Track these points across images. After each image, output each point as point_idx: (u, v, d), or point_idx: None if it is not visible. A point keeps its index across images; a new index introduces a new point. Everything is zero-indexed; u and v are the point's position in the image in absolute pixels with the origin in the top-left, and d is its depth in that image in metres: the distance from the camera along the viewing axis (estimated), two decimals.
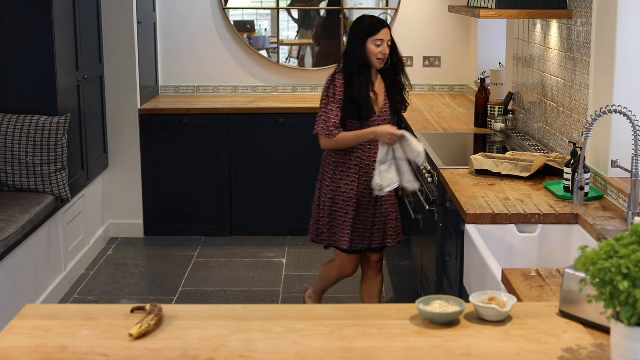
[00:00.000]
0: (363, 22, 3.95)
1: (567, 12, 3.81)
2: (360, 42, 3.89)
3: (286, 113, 5.81)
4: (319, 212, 4.07)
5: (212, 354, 1.79)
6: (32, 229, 4.40)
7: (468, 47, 6.32)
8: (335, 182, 3.99)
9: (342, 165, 3.99)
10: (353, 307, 2.09)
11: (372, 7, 6.53)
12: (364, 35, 3.89)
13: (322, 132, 3.91)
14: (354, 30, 3.97)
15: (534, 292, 2.31)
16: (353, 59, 3.90)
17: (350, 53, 3.93)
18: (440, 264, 3.80)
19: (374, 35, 3.87)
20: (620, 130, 3.21)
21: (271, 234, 5.94)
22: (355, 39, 3.92)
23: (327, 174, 4.03)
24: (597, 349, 1.79)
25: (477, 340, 1.84)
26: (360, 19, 4.00)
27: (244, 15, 6.44)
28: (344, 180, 3.98)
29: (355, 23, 4.01)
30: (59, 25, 4.73)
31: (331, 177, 4.01)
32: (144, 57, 5.89)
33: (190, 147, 5.84)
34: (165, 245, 5.80)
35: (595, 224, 2.91)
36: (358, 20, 4.00)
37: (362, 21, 3.96)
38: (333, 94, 3.91)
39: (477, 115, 5.00)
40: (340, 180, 3.99)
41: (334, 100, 3.90)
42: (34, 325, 1.94)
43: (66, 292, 4.94)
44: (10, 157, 4.60)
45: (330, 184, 4.01)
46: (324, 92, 3.96)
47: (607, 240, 1.72)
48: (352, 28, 4.01)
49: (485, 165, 3.61)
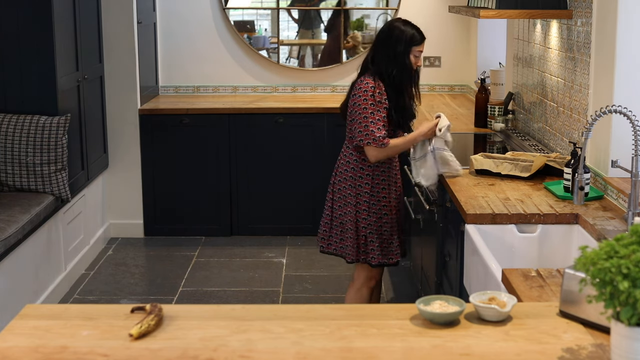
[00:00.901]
0: (404, 29, 3.74)
1: (567, 12, 3.81)
2: (406, 50, 3.71)
3: (286, 113, 5.81)
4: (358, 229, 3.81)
5: (212, 354, 1.79)
6: (32, 229, 4.40)
7: (468, 47, 6.32)
8: (375, 196, 3.80)
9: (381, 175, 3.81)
10: (353, 307, 2.09)
11: (372, 7, 6.53)
12: (409, 44, 3.72)
13: (376, 144, 3.64)
14: (396, 36, 3.72)
15: (534, 292, 2.31)
16: (401, 67, 3.72)
17: (393, 59, 3.71)
18: (440, 264, 3.80)
19: (418, 45, 3.74)
20: (620, 130, 3.21)
21: (271, 234, 5.93)
22: (400, 46, 3.71)
23: (364, 187, 3.79)
24: (597, 349, 1.79)
25: (477, 340, 1.84)
26: (395, 24, 3.78)
27: (244, 15, 6.44)
28: (381, 194, 3.82)
29: (393, 28, 3.75)
30: (59, 25, 4.73)
31: (369, 191, 3.80)
32: (144, 57, 5.89)
33: (190, 147, 5.84)
34: (165, 245, 5.80)
35: (595, 224, 2.91)
36: (395, 25, 3.77)
37: (403, 28, 3.75)
38: (378, 102, 3.66)
39: (477, 115, 5.00)
40: (378, 193, 3.81)
41: (380, 108, 3.66)
42: (34, 325, 1.94)
43: (66, 292, 4.94)
44: (10, 157, 4.60)
45: (369, 198, 3.79)
46: (365, 98, 3.66)
47: (607, 240, 1.72)
48: (392, 33, 3.75)
49: (485, 165, 3.61)
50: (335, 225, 3.90)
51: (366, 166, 3.79)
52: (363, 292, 3.98)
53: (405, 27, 3.76)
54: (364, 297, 3.99)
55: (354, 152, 3.80)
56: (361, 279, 3.97)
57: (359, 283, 3.98)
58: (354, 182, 3.81)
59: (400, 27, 3.75)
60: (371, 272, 3.95)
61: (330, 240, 3.93)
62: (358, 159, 3.80)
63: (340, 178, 3.85)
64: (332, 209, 3.90)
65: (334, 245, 3.92)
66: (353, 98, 3.73)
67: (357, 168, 3.80)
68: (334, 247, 3.93)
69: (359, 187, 3.80)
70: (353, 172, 3.81)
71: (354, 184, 3.81)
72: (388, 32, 3.77)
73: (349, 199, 3.82)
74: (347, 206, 3.83)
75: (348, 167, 3.83)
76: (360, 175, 3.80)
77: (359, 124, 3.68)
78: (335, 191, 3.88)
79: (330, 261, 5.42)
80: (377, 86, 3.68)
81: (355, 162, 3.80)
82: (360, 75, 3.79)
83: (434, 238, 3.88)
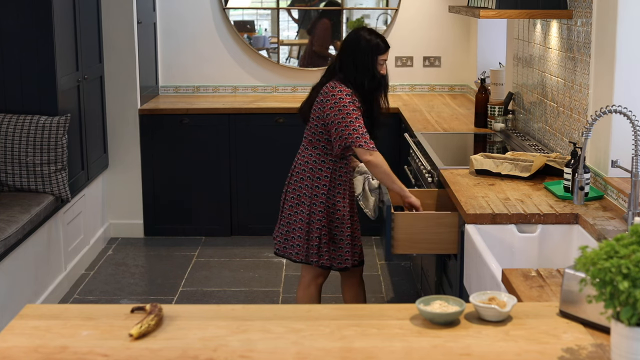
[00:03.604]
0: (370, 38, 3.74)
1: (567, 12, 3.81)
2: (373, 59, 3.72)
3: (286, 113, 5.81)
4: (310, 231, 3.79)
5: (212, 354, 1.79)
6: (32, 229, 4.40)
7: (468, 47, 6.32)
8: (331, 199, 3.78)
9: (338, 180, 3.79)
10: (353, 307, 2.09)
11: (372, 7, 6.53)
12: (374, 53, 3.72)
13: (367, 147, 3.61)
14: (362, 46, 3.72)
15: (534, 292, 2.31)
16: (370, 77, 3.72)
17: (362, 70, 3.71)
18: (440, 264, 3.80)
19: (382, 54, 3.74)
20: (620, 130, 3.21)
21: (271, 234, 5.91)
22: (367, 56, 3.72)
23: (320, 189, 3.77)
24: (597, 349, 1.79)
25: (477, 340, 1.84)
26: (361, 33, 3.78)
27: (244, 15, 6.45)
28: (337, 197, 3.79)
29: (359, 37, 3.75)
30: (59, 25, 4.73)
31: (325, 193, 3.77)
32: (144, 57, 5.89)
33: (190, 147, 5.84)
34: (165, 245, 5.80)
35: (595, 224, 2.91)
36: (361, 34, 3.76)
37: (368, 37, 3.74)
38: (359, 107, 3.68)
39: (477, 115, 5.00)
40: (334, 197, 3.78)
41: (360, 113, 3.67)
42: (34, 325, 1.94)
43: (66, 292, 4.94)
44: (10, 157, 4.60)
45: (325, 200, 3.76)
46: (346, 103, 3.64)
47: (607, 240, 1.72)
48: (358, 42, 3.74)
49: (485, 165, 3.61)
50: (282, 225, 3.90)
51: (325, 168, 3.77)
52: (311, 289, 3.95)
53: (370, 36, 3.76)
54: (313, 295, 3.96)
55: (313, 153, 3.78)
56: (308, 277, 3.94)
57: (306, 281, 3.95)
58: (311, 182, 3.79)
59: (366, 37, 3.75)
60: (317, 270, 3.92)
61: (277, 239, 3.94)
62: (317, 162, 3.78)
63: (296, 178, 3.83)
64: (283, 209, 3.89)
65: (278, 245, 3.93)
66: (327, 102, 3.68)
67: (316, 169, 3.78)
68: (277, 247, 3.94)
69: (315, 187, 3.78)
70: (311, 173, 3.79)
71: (310, 184, 3.79)
72: (355, 42, 3.76)
73: (303, 199, 3.80)
74: (300, 206, 3.81)
75: (306, 167, 3.80)
76: (318, 176, 3.78)
77: (346, 127, 3.63)
78: (289, 191, 3.85)
79: None
80: (353, 94, 3.69)
81: (314, 163, 3.78)
82: (327, 81, 3.76)
83: None
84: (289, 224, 3.86)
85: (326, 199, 3.77)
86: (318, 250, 3.80)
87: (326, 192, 3.77)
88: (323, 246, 3.79)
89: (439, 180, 3.83)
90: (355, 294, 4.03)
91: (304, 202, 3.80)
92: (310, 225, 3.79)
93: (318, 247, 3.79)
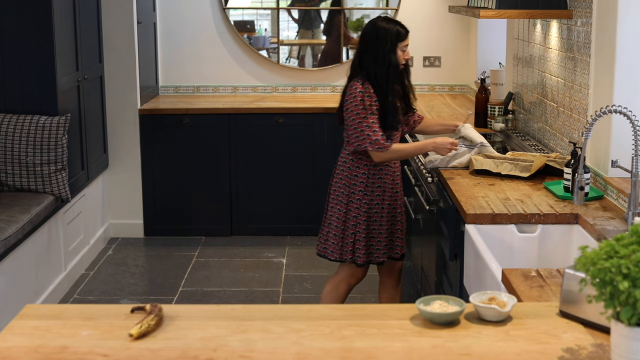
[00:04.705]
0: (388, 27, 3.71)
1: (567, 12, 3.81)
2: (392, 48, 3.68)
3: (286, 113, 5.81)
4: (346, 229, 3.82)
5: (212, 354, 1.79)
6: (32, 229, 4.40)
7: (468, 47, 6.32)
8: (368, 196, 3.79)
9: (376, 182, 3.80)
10: (353, 307, 2.09)
11: (372, 7, 6.53)
12: (395, 41, 3.69)
13: (372, 148, 3.65)
14: (382, 36, 3.69)
15: (534, 292, 2.31)
16: (387, 65, 3.68)
17: (381, 59, 3.68)
18: (440, 264, 3.80)
19: (403, 40, 3.72)
20: (620, 130, 3.21)
21: (271, 234, 5.94)
22: (385, 45, 3.68)
23: (357, 187, 3.79)
24: (597, 349, 1.79)
25: (477, 340, 1.84)
26: (378, 23, 3.74)
27: (244, 15, 6.44)
28: (375, 200, 3.80)
29: (377, 28, 3.72)
30: (59, 25, 4.73)
31: (363, 190, 3.79)
32: (144, 57, 5.89)
33: (190, 147, 5.84)
34: (165, 245, 5.80)
35: (595, 224, 2.91)
36: (379, 24, 3.73)
37: (386, 26, 3.71)
38: (369, 105, 3.66)
39: (477, 115, 5.00)
40: (371, 194, 3.79)
41: (372, 112, 3.66)
42: (34, 325, 1.94)
43: (66, 292, 4.94)
44: (10, 157, 4.60)
45: (362, 197, 3.78)
46: (356, 104, 3.66)
47: (607, 240, 1.72)
48: (377, 33, 3.71)
49: (486, 165, 3.61)
50: (324, 226, 3.93)
51: (361, 169, 3.80)
52: (341, 288, 3.96)
53: (388, 24, 3.74)
54: (341, 294, 3.97)
55: (350, 155, 3.82)
56: (341, 275, 3.96)
57: (338, 278, 3.97)
58: (349, 181, 3.82)
59: (384, 26, 3.72)
60: (354, 270, 3.94)
61: (320, 240, 3.96)
62: (353, 161, 3.81)
63: (336, 179, 3.88)
64: (327, 209, 3.93)
65: (321, 245, 3.94)
66: (345, 104, 3.74)
67: (353, 168, 3.81)
68: (321, 246, 3.94)
69: (353, 185, 3.81)
70: (349, 172, 3.82)
71: (348, 183, 3.82)
72: (373, 33, 3.74)
73: (341, 198, 3.84)
74: (338, 205, 3.85)
75: (344, 166, 3.84)
76: (356, 174, 3.81)
77: (354, 130, 3.69)
78: (331, 192, 3.90)
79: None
80: (365, 90, 3.67)
81: (351, 163, 3.81)
82: (350, 80, 3.78)
83: (434, 238, 3.88)
84: (329, 224, 3.89)
85: (363, 196, 3.79)
86: (353, 247, 3.82)
87: (363, 190, 3.79)
88: (358, 243, 3.81)
89: (439, 181, 3.83)
90: (391, 295, 4.06)
91: (342, 201, 3.84)
92: (346, 223, 3.82)
93: (353, 244, 3.82)
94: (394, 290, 4.06)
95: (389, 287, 4.06)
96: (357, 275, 3.96)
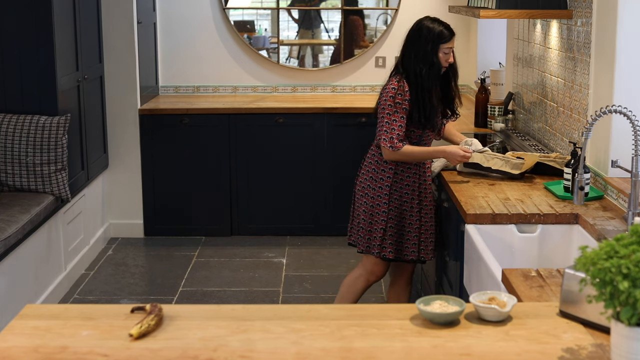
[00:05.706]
0: (432, 26, 3.70)
1: (567, 12, 3.81)
2: (434, 49, 3.68)
3: (286, 113, 5.81)
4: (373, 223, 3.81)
5: (212, 354, 1.79)
6: (32, 229, 4.40)
7: (468, 47, 6.32)
8: (396, 192, 3.78)
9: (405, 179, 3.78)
10: (353, 307, 2.09)
11: (372, 7, 6.53)
12: (437, 42, 3.68)
13: (385, 144, 3.65)
14: (424, 35, 3.69)
15: (534, 292, 2.31)
16: (428, 66, 3.67)
17: (422, 59, 3.68)
18: (441, 264, 3.80)
19: (447, 42, 3.70)
20: (620, 130, 3.22)
21: (271, 234, 5.93)
22: (427, 45, 3.67)
23: (384, 182, 3.78)
24: (597, 349, 1.79)
25: (477, 340, 1.84)
26: (424, 22, 3.74)
27: (244, 15, 6.44)
28: (404, 197, 3.79)
29: (421, 27, 3.72)
30: (59, 25, 4.73)
31: (389, 185, 3.77)
32: (144, 57, 5.89)
33: (190, 147, 5.84)
34: (165, 245, 5.80)
35: (595, 224, 2.91)
36: (423, 23, 3.73)
37: (431, 25, 3.71)
38: (399, 103, 3.64)
39: (477, 115, 5.00)
40: (399, 190, 3.78)
41: (399, 110, 3.64)
42: (34, 325, 1.94)
43: (66, 292, 4.94)
44: (10, 157, 4.60)
45: (389, 192, 3.77)
46: (387, 99, 3.67)
47: (607, 240, 1.72)
48: (420, 32, 3.71)
49: (476, 159, 3.61)
50: (354, 217, 3.93)
51: (388, 163, 3.79)
52: (359, 282, 3.96)
53: (433, 24, 3.73)
54: (358, 288, 3.98)
55: (378, 148, 3.82)
56: (363, 269, 3.97)
57: (358, 272, 3.98)
58: (375, 175, 3.81)
59: (428, 25, 3.72)
60: (376, 266, 3.93)
61: (352, 231, 3.96)
62: (382, 155, 3.80)
63: (364, 171, 3.88)
64: (354, 200, 3.94)
65: (353, 236, 3.95)
66: (379, 98, 3.76)
67: (381, 162, 3.80)
68: (353, 238, 3.95)
69: (380, 180, 3.80)
70: (376, 166, 3.81)
71: (375, 177, 3.81)
72: (416, 32, 3.74)
73: (367, 191, 3.83)
74: (364, 197, 3.84)
75: (372, 160, 3.84)
76: (383, 169, 3.79)
77: (379, 123, 3.71)
78: (357, 184, 3.91)
79: (330, 261, 5.43)
80: (399, 88, 3.66)
81: (379, 156, 3.80)
82: (390, 77, 3.78)
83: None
84: (358, 215, 3.90)
85: (390, 191, 3.78)
86: (381, 242, 3.81)
87: (390, 185, 3.77)
88: (387, 238, 3.80)
89: (439, 181, 3.83)
90: (398, 295, 4.05)
91: (368, 194, 3.83)
92: (373, 217, 3.81)
93: (382, 239, 3.80)
94: (402, 288, 4.05)
95: (398, 286, 4.05)
96: (377, 272, 3.95)
